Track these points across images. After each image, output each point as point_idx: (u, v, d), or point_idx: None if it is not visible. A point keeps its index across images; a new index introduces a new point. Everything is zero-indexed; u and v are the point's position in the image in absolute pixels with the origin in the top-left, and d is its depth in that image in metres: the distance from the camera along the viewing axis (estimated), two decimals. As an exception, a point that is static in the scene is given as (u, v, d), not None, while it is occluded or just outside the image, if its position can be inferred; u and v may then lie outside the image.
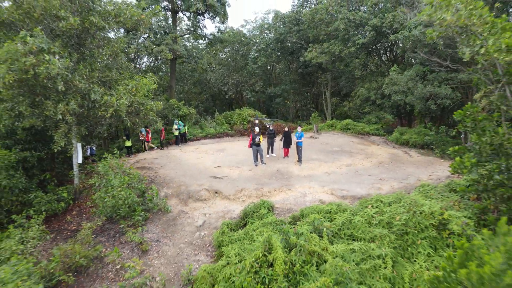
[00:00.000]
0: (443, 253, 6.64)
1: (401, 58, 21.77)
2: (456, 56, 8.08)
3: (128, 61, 20.32)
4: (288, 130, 14.28)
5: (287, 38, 28.13)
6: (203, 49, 31.07)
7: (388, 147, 16.36)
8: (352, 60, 23.46)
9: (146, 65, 27.70)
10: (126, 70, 12.29)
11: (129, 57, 21.05)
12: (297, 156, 13.13)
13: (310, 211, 8.52)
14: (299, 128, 13.38)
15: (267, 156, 14.36)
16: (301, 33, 27.20)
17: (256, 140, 12.52)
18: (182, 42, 24.31)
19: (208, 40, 26.68)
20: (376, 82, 20.51)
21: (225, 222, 8.80)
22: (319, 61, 22.86)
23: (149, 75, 11.97)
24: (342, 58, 22.79)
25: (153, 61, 27.16)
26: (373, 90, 20.07)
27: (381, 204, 8.45)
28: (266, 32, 32.31)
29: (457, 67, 9.51)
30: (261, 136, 12.89)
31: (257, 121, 18.89)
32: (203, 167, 12.94)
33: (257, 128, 12.92)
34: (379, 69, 24.88)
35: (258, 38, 32.92)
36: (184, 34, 27.37)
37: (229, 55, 35.54)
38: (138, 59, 25.31)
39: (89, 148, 15.14)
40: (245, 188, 10.60)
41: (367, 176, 11.35)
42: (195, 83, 33.55)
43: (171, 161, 14.01)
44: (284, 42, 28.93)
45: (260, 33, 32.56)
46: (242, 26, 42.45)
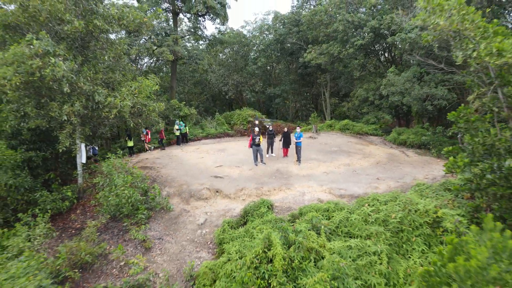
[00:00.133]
0: (437, 249, 6.88)
1: (399, 59, 21.97)
2: (451, 59, 8.31)
3: (130, 62, 20.55)
4: (288, 130, 14.50)
5: (287, 39, 28.28)
6: (203, 50, 31.24)
7: (386, 147, 16.58)
8: (350, 61, 23.67)
9: (147, 65, 27.89)
10: (129, 72, 12.52)
11: (130, 58, 21.26)
12: (296, 156, 13.34)
13: (308, 210, 8.74)
14: (298, 129, 13.61)
15: (267, 156, 14.56)
16: (300, 34, 27.35)
17: (256, 140, 12.72)
18: (182, 43, 24.48)
19: (209, 41, 26.85)
20: (374, 83, 20.70)
21: (226, 220, 9.03)
22: (318, 62, 23.07)
23: (151, 77, 12.19)
24: (341, 59, 23.00)
25: (154, 62, 27.35)
26: (371, 91, 20.27)
27: (377, 203, 8.67)
28: (266, 33, 32.44)
29: (451, 69, 9.77)
30: (261, 136, 13.09)
31: (257, 122, 19.10)
32: (204, 167, 13.16)
33: (257, 129, 13.13)
34: (377, 70, 25.08)
35: (258, 39, 33.05)
36: (185, 35, 27.56)
37: (229, 55, 35.65)
38: (139, 60, 25.52)
39: (91, 148, 15.38)
40: (245, 187, 10.83)
41: (365, 176, 11.58)
42: (196, 84, 33.65)
43: (172, 161, 14.23)
44: (283, 43, 29.08)
45: (260, 33, 32.70)
46: (242, 27, 42.72)
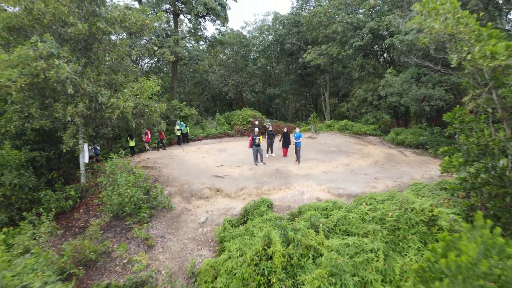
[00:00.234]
0: (430, 246, 7.07)
1: (398, 60, 22.17)
2: (447, 61, 8.50)
3: (131, 63, 20.70)
4: (287, 130, 14.67)
5: (287, 40, 28.46)
6: (203, 50, 31.41)
7: (384, 147, 16.76)
8: (350, 62, 23.84)
9: (148, 66, 28.06)
10: (131, 73, 12.69)
11: (131, 59, 21.41)
12: (295, 156, 13.53)
13: (307, 208, 8.93)
14: (298, 129, 13.79)
15: (267, 156, 14.74)
16: (300, 35, 27.53)
17: (256, 141, 12.89)
18: (183, 43, 24.64)
19: (209, 42, 27.02)
20: (373, 83, 20.88)
21: (226, 219, 9.22)
22: (317, 62, 23.26)
23: (152, 78, 12.36)
24: (340, 60, 23.18)
25: (154, 62, 27.52)
26: (370, 91, 20.45)
27: (374, 202, 8.87)
28: (265, 34, 32.63)
29: (447, 71, 9.94)
30: (261, 137, 13.28)
31: (257, 122, 19.29)
32: (205, 167, 13.34)
33: (257, 129, 13.32)
34: (376, 71, 25.26)
35: (258, 39, 33.24)
36: (185, 36, 27.73)
37: (230, 56, 35.80)
38: (139, 61, 25.69)
39: (93, 148, 15.56)
40: (245, 187, 11.01)
41: (363, 175, 11.76)
42: (196, 84, 33.79)
43: (174, 161, 14.41)
44: (283, 43, 29.27)
45: (260, 34, 32.89)
46: (242, 28, 42.85)
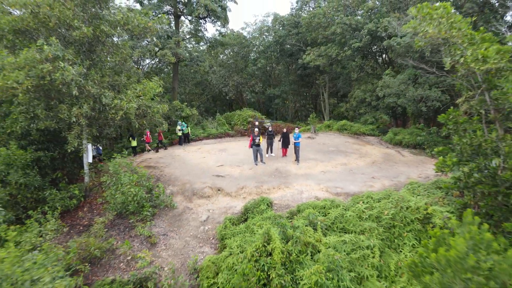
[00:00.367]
0: (423, 242, 7.33)
1: (396, 61, 22.40)
2: (442, 63, 8.75)
3: (133, 64, 20.90)
4: (287, 131, 14.92)
5: (286, 41, 28.69)
6: (203, 51, 31.63)
7: (382, 147, 17.01)
8: (348, 63, 24.06)
9: (149, 66, 28.30)
10: (134, 75, 12.93)
11: (132, 60, 21.61)
12: (295, 155, 13.77)
13: (306, 207, 9.18)
14: (297, 129, 14.04)
15: (267, 155, 14.98)
16: (299, 36, 27.77)
17: (256, 141, 13.16)
18: (184, 44, 24.86)
19: (209, 43, 27.26)
20: (371, 84, 21.10)
21: (227, 217, 9.47)
22: (316, 63, 23.50)
23: (154, 79, 12.59)
24: (339, 61, 23.40)
25: (155, 63, 27.75)
26: (368, 92, 20.68)
27: (371, 200, 9.12)
28: (265, 34, 32.88)
29: (442, 73, 10.17)
30: (261, 137, 13.54)
31: (257, 123, 19.53)
32: (206, 166, 13.59)
33: (257, 129, 13.57)
34: (375, 72, 25.48)
35: (258, 40, 33.49)
36: (186, 37, 27.96)
37: (230, 56, 36.03)
38: (141, 61, 25.93)
39: (95, 148, 15.80)
40: (246, 186, 11.26)
41: (361, 175, 12.01)
42: (197, 84, 33.99)
43: (175, 161, 14.65)
44: (283, 44, 29.51)
45: (259, 35, 33.14)
46: (242, 29, 43.11)
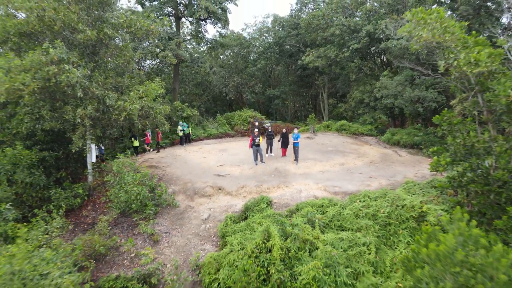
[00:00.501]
0: (415, 238, 7.60)
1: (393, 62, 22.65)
2: (437, 65, 9.02)
3: (136, 66, 21.11)
4: (286, 131, 15.17)
5: (286, 42, 28.95)
6: (204, 52, 31.86)
7: (380, 147, 17.27)
8: (347, 64, 24.30)
9: (150, 67, 28.53)
10: (136, 76, 13.18)
11: (134, 61, 21.82)
12: (294, 155, 14.03)
13: (304, 205, 9.44)
14: (296, 130, 14.31)
15: (266, 155, 15.22)
16: (299, 37, 28.02)
17: (256, 141, 13.42)
18: (184, 45, 25.09)
19: (210, 45, 27.50)
20: (370, 85, 21.36)
21: (228, 215, 9.73)
22: (315, 64, 23.75)
23: (156, 81, 12.84)
24: (338, 62, 23.64)
25: (156, 64, 27.98)
26: (366, 93, 20.92)
27: (368, 199, 9.39)
28: (265, 35, 33.15)
29: (437, 75, 10.42)
30: (261, 137, 13.81)
31: (257, 124, 19.78)
32: (207, 166, 13.84)
33: (256, 130, 13.84)
34: (373, 72, 25.74)
35: (258, 41, 33.73)
36: (187, 39, 28.20)
37: (230, 57, 36.25)
38: (142, 62, 26.16)
39: (98, 148, 16.03)
40: (246, 185, 11.52)
41: (358, 174, 12.27)
42: (197, 85, 34.20)
43: (177, 161, 14.90)
44: (283, 45, 29.76)
45: (259, 36, 33.38)
46: (243, 30, 43.30)
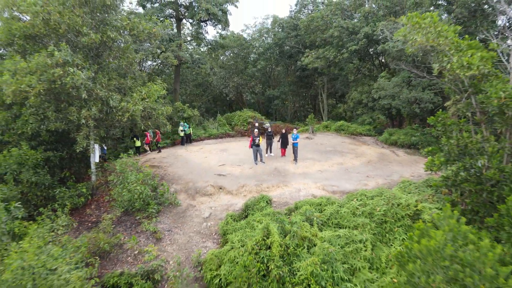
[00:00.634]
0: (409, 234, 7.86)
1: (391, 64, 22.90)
2: (432, 68, 9.29)
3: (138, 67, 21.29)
4: (285, 131, 15.44)
5: (286, 43, 29.23)
6: (204, 53, 32.12)
7: (378, 147, 17.53)
8: (346, 65, 24.55)
9: (150, 68, 28.77)
10: (138, 78, 13.44)
11: (136, 63, 22.05)
12: (293, 155, 14.30)
13: (303, 204, 9.71)
14: (295, 130, 14.59)
15: (266, 155, 15.48)
16: (298, 38, 28.29)
17: (256, 141, 13.69)
18: (185, 47, 25.33)
19: (210, 46, 27.75)
20: (368, 85, 21.62)
21: (229, 214, 9.99)
22: (315, 65, 24.01)
23: (158, 82, 13.09)
24: (337, 63, 23.90)
25: (157, 64, 28.23)
26: (365, 94, 21.18)
27: (365, 198, 9.66)
28: (265, 36, 33.40)
29: (432, 78, 10.67)
30: (261, 137, 14.08)
31: (257, 124, 20.03)
32: (208, 166, 14.10)
33: (256, 130, 14.11)
34: (371, 73, 26.00)
35: (258, 42, 33.99)
36: (187, 40, 28.46)
37: (230, 58, 36.49)
38: (143, 63, 26.41)
39: (100, 148, 16.27)
40: (246, 184, 11.79)
41: (356, 174, 12.54)
42: (197, 85, 34.43)
43: (178, 160, 15.16)
44: (282, 46, 30.02)
45: (259, 36, 33.63)
46: (242, 31, 43.51)
